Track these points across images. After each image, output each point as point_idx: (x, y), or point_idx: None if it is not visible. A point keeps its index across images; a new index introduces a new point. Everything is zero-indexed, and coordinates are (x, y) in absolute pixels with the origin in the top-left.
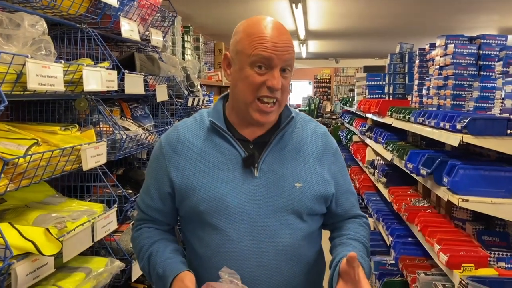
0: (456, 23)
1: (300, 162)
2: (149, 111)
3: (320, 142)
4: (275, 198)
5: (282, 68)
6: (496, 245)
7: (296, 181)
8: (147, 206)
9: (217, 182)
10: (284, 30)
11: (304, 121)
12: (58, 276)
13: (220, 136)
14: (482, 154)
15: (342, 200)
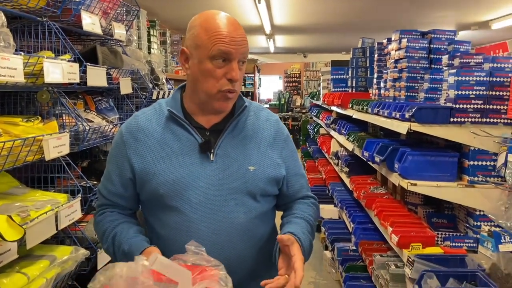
0: (415, 18)
1: (253, 147)
2: (113, 104)
3: (272, 129)
4: (230, 180)
5: (239, 60)
6: (444, 226)
7: (250, 165)
8: (108, 192)
9: (175, 167)
10: (238, 24)
11: (258, 109)
12: (22, 264)
13: (178, 124)
14: (432, 142)
15: (292, 182)
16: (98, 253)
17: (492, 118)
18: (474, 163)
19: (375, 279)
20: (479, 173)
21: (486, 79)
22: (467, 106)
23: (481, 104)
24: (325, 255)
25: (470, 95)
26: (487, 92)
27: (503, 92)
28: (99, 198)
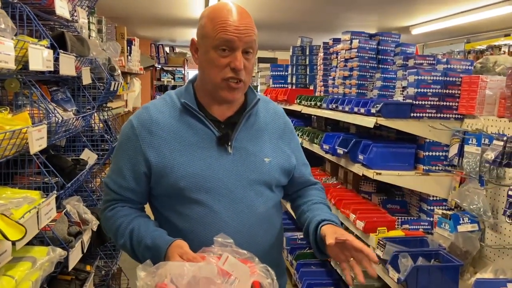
0: (342, 21)
1: (266, 139)
2: (70, 95)
3: (281, 121)
4: (249, 172)
5: (245, 50)
6: (398, 211)
7: (265, 156)
8: (119, 187)
9: (194, 160)
10: (246, 14)
11: (265, 102)
12: (5, 267)
13: (193, 117)
14: (382, 136)
15: (302, 171)
16: (69, 253)
17: (446, 114)
18: (428, 154)
19: (335, 263)
20: (433, 163)
21: (441, 78)
22: (425, 102)
23: (436, 101)
24: None
25: (427, 93)
26: (442, 90)
27: (455, 91)
28: (107, 193)
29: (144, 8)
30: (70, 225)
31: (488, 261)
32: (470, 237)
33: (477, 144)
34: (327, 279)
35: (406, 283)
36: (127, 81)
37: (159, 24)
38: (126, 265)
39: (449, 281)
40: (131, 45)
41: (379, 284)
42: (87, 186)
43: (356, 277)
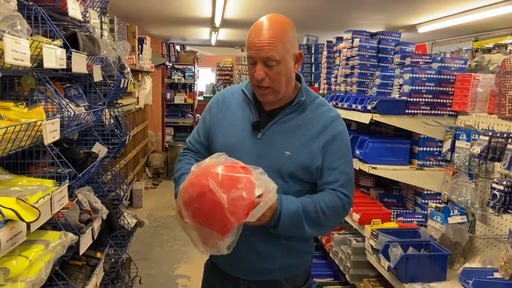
0: (349, 20)
1: (298, 136)
2: (82, 92)
3: (323, 123)
4: (266, 157)
5: (265, 63)
6: (395, 205)
7: (287, 150)
8: (194, 140)
9: (232, 134)
10: (268, 31)
11: (319, 105)
12: (20, 248)
13: (247, 103)
14: (381, 132)
15: (325, 174)
16: (80, 238)
17: (439, 110)
18: (423, 149)
19: (333, 255)
20: (427, 158)
21: (436, 76)
22: (420, 99)
23: (431, 98)
24: None
25: (422, 90)
26: (436, 88)
27: (449, 88)
28: (186, 144)
29: (155, 8)
30: (81, 213)
31: (478, 252)
32: (459, 228)
33: (467, 139)
34: (327, 270)
35: (396, 270)
36: (138, 79)
37: (169, 23)
38: (136, 255)
39: (437, 269)
40: (142, 43)
41: (374, 273)
42: (98, 178)
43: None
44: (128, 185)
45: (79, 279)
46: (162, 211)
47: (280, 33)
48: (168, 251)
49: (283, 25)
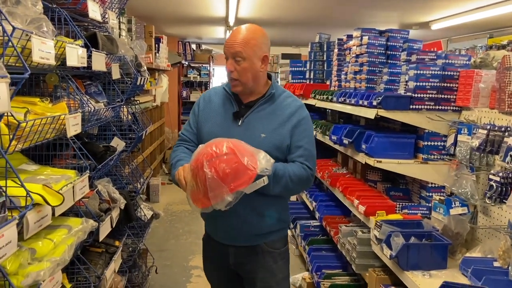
0: (364, 17)
1: (270, 121)
2: (101, 89)
3: (290, 110)
4: (245, 140)
5: (234, 58)
6: (401, 198)
7: (262, 133)
8: (187, 131)
9: (216, 124)
10: (239, 32)
11: (286, 97)
12: (45, 232)
13: (227, 98)
14: (388, 127)
15: (293, 150)
16: (100, 226)
17: (443, 106)
18: (427, 143)
19: (341, 246)
20: (431, 152)
21: (440, 72)
22: (424, 95)
23: (435, 93)
24: None
25: (426, 86)
26: (440, 84)
27: (453, 84)
28: (180, 136)
29: (171, 8)
30: (101, 202)
31: (479, 242)
32: (460, 219)
33: (468, 133)
34: (336, 262)
35: (398, 259)
36: (155, 77)
37: (185, 23)
38: (152, 247)
39: (438, 258)
40: (159, 42)
41: (379, 264)
42: (117, 172)
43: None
44: (145, 179)
45: (98, 264)
46: (178, 206)
47: (249, 37)
48: (183, 244)
49: (253, 32)
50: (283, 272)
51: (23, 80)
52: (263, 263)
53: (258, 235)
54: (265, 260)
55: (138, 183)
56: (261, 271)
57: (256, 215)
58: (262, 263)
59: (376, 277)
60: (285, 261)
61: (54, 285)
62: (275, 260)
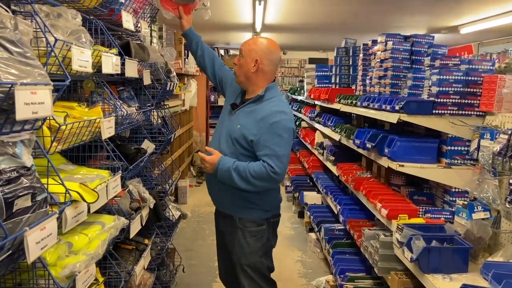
0: (391, 22)
1: (248, 117)
2: (133, 94)
3: (266, 113)
4: (229, 126)
5: (240, 54)
6: (424, 202)
7: (239, 124)
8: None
9: (224, 111)
10: (246, 42)
11: (270, 101)
12: (81, 227)
13: (239, 91)
14: (413, 132)
15: (260, 148)
16: (131, 223)
17: (467, 111)
18: (451, 148)
19: (364, 250)
20: (455, 156)
21: (463, 78)
22: (447, 100)
23: (458, 99)
24: (309, 236)
25: (449, 91)
26: (463, 89)
27: (477, 89)
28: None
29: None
30: (132, 201)
31: (502, 247)
32: (483, 224)
33: (490, 138)
34: (359, 265)
35: (418, 262)
36: (184, 82)
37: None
38: (180, 247)
39: (459, 262)
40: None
41: (401, 267)
42: (147, 173)
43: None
44: (173, 181)
45: (129, 261)
46: (205, 208)
47: (254, 43)
48: (209, 244)
49: (259, 41)
50: (252, 248)
51: (64, 87)
52: (236, 237)
53: (231, 207)
54: (238, 235)
55: (167, 184)
56: (234, 243)
57: (229, 189)
58: (235, 236)
59: (398, 280)
60: (255, 239)
61: (88, 277)
62: (244, 236)
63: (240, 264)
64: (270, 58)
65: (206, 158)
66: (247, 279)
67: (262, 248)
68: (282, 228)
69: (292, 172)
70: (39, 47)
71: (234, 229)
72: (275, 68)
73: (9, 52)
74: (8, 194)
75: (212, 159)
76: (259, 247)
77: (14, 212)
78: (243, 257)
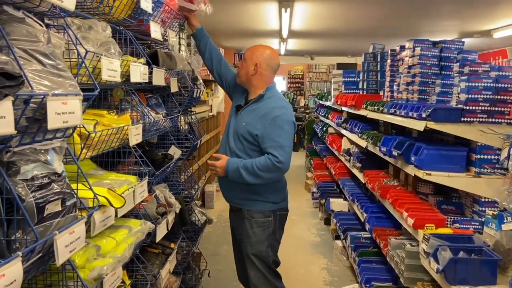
0: (421, 27)
1: (251, 115)
2: (161, 101)
3: (267, 109)
4: (236, 126)
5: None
6: (453, 212)
7: (244, 122)
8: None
9: (231, 112)
10: (250, 48)
11: (271, 100)
12: (109, 231)
13: (244, 92)
14: (442, 139)
15: (265, 141)
16: (157, 228)
17: (497, 119)
18: (480, 157)
19: (390, 259)
20: (484, 165)
21: (493, 85)
22: (476, 108)
23: (488, 106)
24: (335, 244)
25: (478, 99)
26: (493, 96)
27: (507, 96)
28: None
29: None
30: (158, 206)
31: None
32: None
33: None
34: (385, 275)
35: (444, 273)
36: (211, 88)
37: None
38: (206, 251)
39: (487, 274)
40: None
41: (428, 278)
42: (174, 178)
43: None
44: (199, 186)
45: (155, 264)
46: None
47: (256, 49)
48: None
49: (258, 46)
50: (258, 237)
51: (93, 97)
52: (244, 227)
53: (242, 199)
54: (245, 225)
55: (193, 190)
56: (242, 234)
57: (238, 184)
58: (243, 227)
59: None
60: (262, 229)
61: (115, 279)
62: (251, 226)
63: (247, 254)
64: (268, 63)
65: (216, 164)
66: (253, 269)
67: (268, 239)
68: (308, 234)
69: (318, 178)
70: (71, 58)
71: (242, 220)
72: (273, 73)
73: (42, 64)
74: (40, 199)
75: (221, 163)
76: (265, 237)
77: (45, 217)
78: (250, 246)
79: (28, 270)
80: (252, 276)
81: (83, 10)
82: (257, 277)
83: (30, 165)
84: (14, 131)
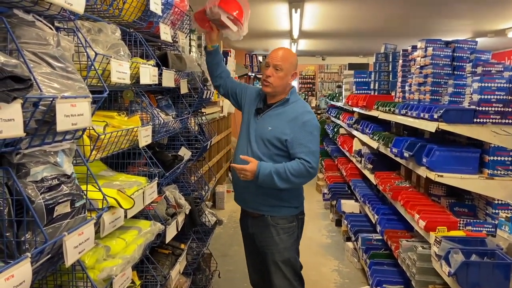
0: (434, 26)
1: (278, 119)
2: (171, 102)
3: (296, 114)
4: (259, 130)
5: (274, 67)
6: (465, 214)
7: (269, 127)
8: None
9: (246, 112)
10: (281, 51)
11: (297, 103)
12: (119, 232)
13: (259, 95)
14: (454, 141)
15: (294, 146)
16: (167, 228)
17: (511, 120)
18: (493, 158)
19: (401, 261)
20: (498, 167)
21: (506, 85)
22: (489, 108)
23: (501, 107)
24: (347, 246)
25: (491, 99)
26: (507, 97)
27: None
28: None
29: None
30: (168, 207)
31: None
32: None
33: None
34: (397, 277)
35: (456, 276)
36: None
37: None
38: (216, 252)
39: (500, 278)
40: (227, 56)
41: (440, 281)
42: (184, 179)
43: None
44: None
45: (165, 265)
46: None
47: (288, 56)
48: None
49: (291, 55)
50: (286, 244)
51: (103, 99)
52: (270, 235)
53: (265, 205)
54: (271, 232)
55: (203, 191)
56: (267, 242)
57: (262, 189)
58: (268, 235)
59: None
60: (288, 235)
61: (125, 280)
62: (278, 233)
63: (274, 261)
64: (297, 65)
65: (247, 168)
66: (279, 276)
67: (294, 244)
68: (319, 236)
69: (329, 179)
70: (80, 61)
71: (267, 227)
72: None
73: (52, 67)
74: (49, 200)
75: (252, 167)
76: (292, 243)
77: (54, 218)
78: (278, 253)
79: (38, 271)
80: (277, 284)
81: (93, 12)
82: (283, 284)
83: (40, 166)
84: (23, 134)
